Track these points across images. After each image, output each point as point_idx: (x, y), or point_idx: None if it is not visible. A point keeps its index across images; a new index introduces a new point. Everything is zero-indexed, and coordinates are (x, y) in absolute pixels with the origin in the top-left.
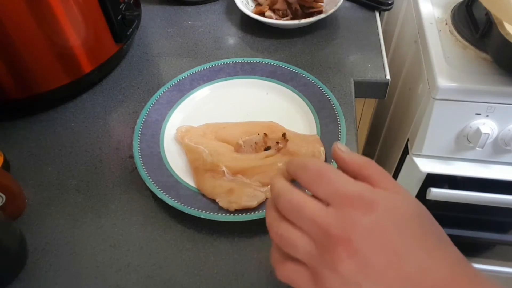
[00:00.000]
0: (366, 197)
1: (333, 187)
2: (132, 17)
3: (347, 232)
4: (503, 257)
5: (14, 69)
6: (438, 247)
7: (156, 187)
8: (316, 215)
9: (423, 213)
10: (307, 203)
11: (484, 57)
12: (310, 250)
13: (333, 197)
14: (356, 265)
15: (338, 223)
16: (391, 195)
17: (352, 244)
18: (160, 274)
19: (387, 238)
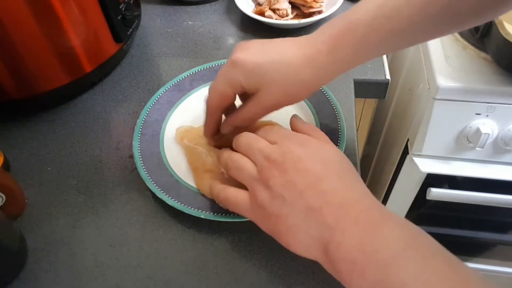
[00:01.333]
0: (302, 136)
1: (281, 132)
2: (132, 17)
3: (282, 156)
4: (503, 257)
5: (14, 69)
6: (349, 179)
7: (156, 187)
8: (263, 146)
9: (343, 159)
10: (259, 140)
11: (484, 57)
12: (253, 172)
13: (278, 138)
14: (283, 181)
15: (277, 151)
16: (324, 143)
17: (284, 164)
18: (160, 274)
19: (311, 165)
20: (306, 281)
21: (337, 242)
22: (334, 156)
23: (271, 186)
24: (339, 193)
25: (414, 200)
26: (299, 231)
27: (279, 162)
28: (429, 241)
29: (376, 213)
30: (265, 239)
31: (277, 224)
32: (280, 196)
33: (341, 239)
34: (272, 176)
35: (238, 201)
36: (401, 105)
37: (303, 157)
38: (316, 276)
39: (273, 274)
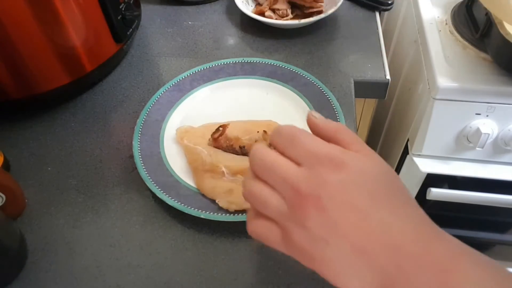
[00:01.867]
0: (336, 157)
1: (305, 149)
2: (132, 17)
3: (316, 190)
4: (503, 257)
5: (14, 69)
6: (402, 206)
7: (156, 187)
8: (288, 173)
9: (390, 175)
10: (279, 162)
11: (484, 57)
12: (281, 208)
13: (305, 157)
14: (323, 221)
15: (308, 181)
16: (361, 156)
17: (320, 201)
18: (160, 274)
19: (354, 197)
20: (306, 281)
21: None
22: (379, 175)
23: (308, 227)
24: (394, 229)
25: None
26: (348, 275)
27: (313, 197)
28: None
29: (441, 251)
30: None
31: (321, 267)
32: (321, 238)
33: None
34: (309, 216)
35: (269, 238)
36: (401, 105)
37: (343, 188)
38: (316, 276)
39: (273, 274)
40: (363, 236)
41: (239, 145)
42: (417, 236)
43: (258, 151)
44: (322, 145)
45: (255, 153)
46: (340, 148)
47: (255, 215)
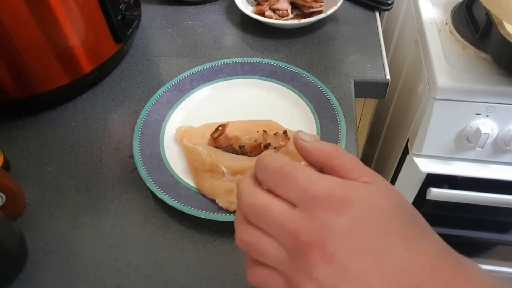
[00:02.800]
0: (338, 194)
1: (299, 188)
2: (132, 17)
3: (319, 237)
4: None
5: (14, 69)
6: (419, 240)
7: (156, 187)
8: (284, 219)
9: (401, 204)
10: (272, 205)
11: (484, 57)
12: (281, 257)
13: (300, 198)
14: (333, 270)
15: (309, 227)
16: (365, 187)
17: (326, 249)
18: (160, 274)
19: (364, 238)
20: None
21: None
22: (391, 208)
23: (316, 278)
24: (412, 268)
25: (414, 200)
26: None
27: (317, 244)
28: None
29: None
30: None
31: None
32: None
33: None
34: (315, 266)
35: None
36: (401, 105)
37: (351, 230)
38: None
39: None
40: (380, 279)
41: (238, 145)
42: (438, 273)
43: (244, 193)
44: (319, 181)
45: (241, 195)
46: (340, 180)
47: (254, 263)
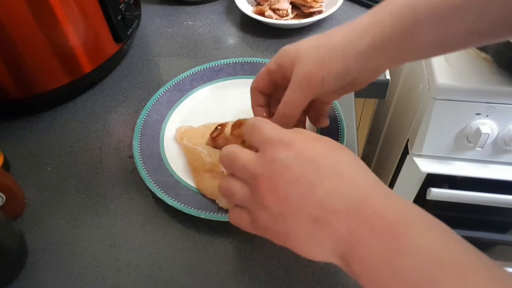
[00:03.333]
0: (285, 138)
1: (261, 135)
2: (132, 17)
3: (268, 170)
4: (503, 257)
5: (14, 69)
6: (350, 174)
7: (156, 187)
8: (247, 161)
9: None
10: (240, 153)
11: (484, 57)
12: (245, 193)
13: (260, 143)
14: (277, 198)
15: (262, 164)
16: (311, 136)
17: (272, 180)
18: (160, 274)
19: (302, 171)
20: (306, 281)
21: (356, 255)
22: (325, 150)
23: (267, 206)
24: (341, 196)
25: (414, 200)
26: (311, 244)
27: (267, 177)
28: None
29: (392, 214)
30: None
31: (287, 240)
32: (279, 214)
33: (359, 252)
34: (265, 195)
35: (241, 223)
36: (401, 105)
37: (290, 164)
38: (316, 276)
39: (273, 274)
40: (315, 206)
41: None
42: (366, 200)
43: (224, 149)
44: (276, 130)
45: (222, 151)
46: (293, 130)
47: (233, 206)
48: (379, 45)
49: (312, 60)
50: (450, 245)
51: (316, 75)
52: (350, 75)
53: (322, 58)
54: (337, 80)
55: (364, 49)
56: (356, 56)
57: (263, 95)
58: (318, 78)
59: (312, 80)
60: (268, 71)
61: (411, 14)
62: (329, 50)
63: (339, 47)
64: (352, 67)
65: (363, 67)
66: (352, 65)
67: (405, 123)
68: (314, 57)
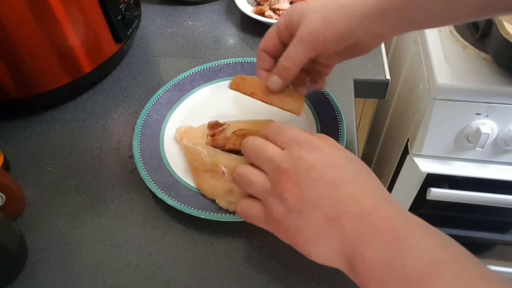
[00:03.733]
0: (313, 141)
1: (288, 136)
2: (132, 17)
3: (294, 166)
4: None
5: (14, 69)
6: (366, 184)
7: (156, 187)
8: (273, 155)
9: (356, 160)
10: (267, 146)
11: (484, 57)
12: (264, 185)
13: (287, 142)
14: (298, 193)
15: (288, 160)
16: (333, 144)
17: (297, 175)
18: (160, 274)
19: (325, 172)
20: (306, 281)
21: (361, 255)
22: (348, 159)
23: (286, 199)
24: (357, 201)
25: (414, 200)
26: (319, 243)
27: (291, 172)
28: (459, 251)
29: (398, 220)
30: (265, 239)
31: (296, 236)
32: (296, 208)
33: (364, 252)
34: (286, 188)
35: (251, 214)
36: (401, 105)
37: (316, 165)
38: (316, 276)
39: (273, 274)
40: (332, 206)
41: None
42: (377, 208)
43: (249, 139)
44: (302, 133)
45: (247, 141)
46: (319, 136)
47: (242, 198)
48: (386, 10)
49: (318, 17)
50: (448, 249)
51: (319, 33)
52: (354, 36)
53: (328, 16)
54: (339, 41)
55: (370, 11)
56: (362, 18)
57: (270, 57)
58: (321, 36)
59: (315, 37)
60: (277, 29)
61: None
62: (336, 9)
63: (346, 7)
64: (356, 28)
65: (367, 29)
66: (356, 26)
67: (405, 123)
68: (321, 15)
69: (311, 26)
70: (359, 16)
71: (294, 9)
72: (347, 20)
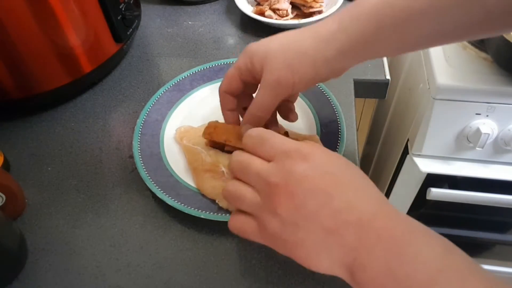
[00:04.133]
0: (303, 149)
1: (273, 146)
2: (132, 17)
3: (284, 179)
4: (503, 257)
5: (14, 69)
6: (363, 190)
7: (156, 187)
8: (260, 169)
9: (350, 165)
10: (253, 160)
11: (484, 57)
12: (255, 200)
13: (274, 154)
14: (293, 206)
15: (278, 172)
16: (324, 150)
17: (289, 188)
18: (160, 274)
19: (319, 182)
20: (306, 281)
21: (362, 264)
22: (341, 165)
23: (280, 214)
24: (355, 209)
25: (414, 200)
26: (318, 254)
27: (282, 185)
28: (462, 257)
29: (399, 228)
30: None
31: (294, 250)
32: (292, 222)
33: (365, 261)
34: (279, 204)
35: (246, 230)
36: (401, 105)
37: (308, 175)
38: (316, 276)
39: (273, 274)
40: (329, 217)
41: None
42: (377, 214)
43: (235, 154)
44: (289, 142)
45: (232, 157)
46: (307, 143)
47: (235, 213)
48: (347, 51)
49: (282, 65)
50: (451, 256)
51: (287, 80)
52: (319, 78)
53: (292, 63)
54: (307, 84)
55: (332, 55)
56: (325, 62)
57: (233, 97)
58: (289, 83)
59: (283, 84)
60: (238, 71)
61: (375, 22)
62: (298, 55)
63: (309, 53)
64: (321, 72)
65: (331, 70)
66: (321, 70)
67: (405, 123)
68: (284, 62)
69: (277, 74)
70: (322, 61)
71: (254, 51)
72: (312, 67)
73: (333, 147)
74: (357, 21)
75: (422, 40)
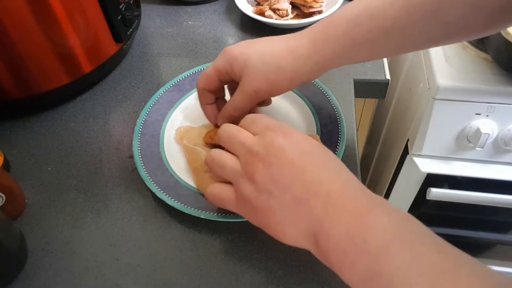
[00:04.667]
0: (285, 127)
1: (262, 123)
2: (132, 17)
3: (265, 149)
4: (503, 257)
5: (14, 69)
6: (335, 169)
7: (156, 187)
8: (246, 139)
9: (326, 148)
10: (240, 132)
11: (484, 57)
12: (236, 167)
13: (261, 129)
14: (269, 175)
15: (260, 143)
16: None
17: (268, 158)
18: (160, 274)
19: (296, 157)
20: (306, 281)
21: (326, 233)
22: (317, 147)
23: (256, 180)
24: (325, 183)
25: (414, 200)
26: (287, 223)
27: (262, 154)
28: (417, 227)
29: (362, 200)
30: (265, 239)
31: (265, 217)
32: (266, 189)
33: (330, 230)
34: (257, 170)
35: (223, 197)
36: (401, 105)
37: (286, 148)
38: (316, 276)
39: (273, 274)
40: (301, 188)
41: None
42: (344, 190)
43: (225, 125)
44: (276, 121)
45: (222, 127)
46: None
47: (214, 183)
48: (323, 66)
49: (262, 77)
50: (407, 224)
51: (264, 91)
52: (295, 86)
53: (271, 77)
54: (282, 92)
55: (310, 70)
56: (302, 77)
57: (211, 93)
58: (267, 93)
59: (261, 94)
60: (217, 72)
61: (349, 41)
62: (277, 71)
63: (287, 70)
64: (298, 83)
65: (308, 79)
66: (298, 82)
67: (405, 123)
68: (264, 76)
69: (256, 85)
70: (299, 77)
71: (235, 57)
72: (289, 80)
73: (333, 147)
74: (332, 43)
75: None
